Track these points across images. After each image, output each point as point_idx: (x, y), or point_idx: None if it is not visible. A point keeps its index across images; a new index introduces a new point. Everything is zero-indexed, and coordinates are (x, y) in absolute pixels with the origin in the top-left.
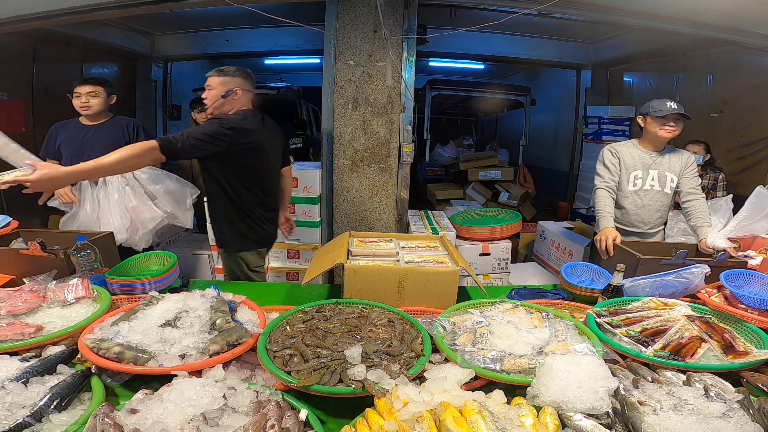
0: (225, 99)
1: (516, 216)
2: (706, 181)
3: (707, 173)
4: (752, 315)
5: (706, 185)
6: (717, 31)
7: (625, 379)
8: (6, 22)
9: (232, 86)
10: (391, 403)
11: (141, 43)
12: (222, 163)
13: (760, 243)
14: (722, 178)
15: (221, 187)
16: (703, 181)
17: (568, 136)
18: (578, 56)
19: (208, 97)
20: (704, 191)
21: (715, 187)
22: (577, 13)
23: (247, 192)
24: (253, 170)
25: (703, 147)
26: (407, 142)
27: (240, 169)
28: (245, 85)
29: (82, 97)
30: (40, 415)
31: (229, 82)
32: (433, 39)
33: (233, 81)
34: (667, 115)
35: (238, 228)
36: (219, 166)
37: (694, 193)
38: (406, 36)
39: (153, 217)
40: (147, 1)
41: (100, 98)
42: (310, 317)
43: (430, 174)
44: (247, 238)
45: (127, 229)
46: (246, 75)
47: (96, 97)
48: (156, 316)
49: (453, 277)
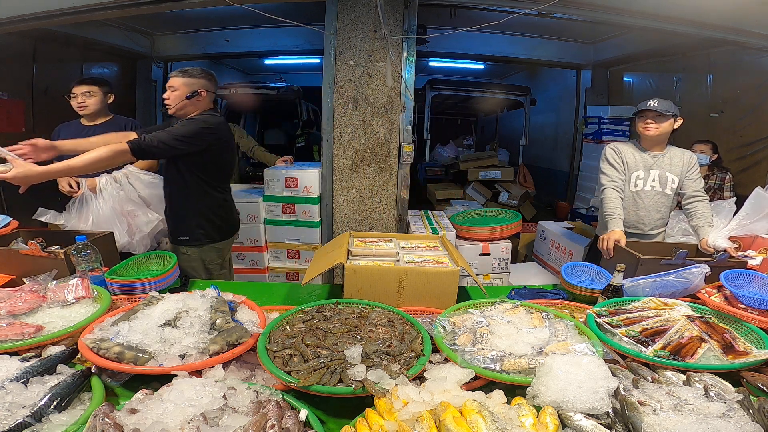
0: (189, 101)
1: (516, 216)
2: (713, 182)
3: (714, 173)
4: (752, 315)
5: (713, 185)
6: (717, 31)
7: (625, 379)
8: (6, 22)
9: (196, 88)
10: (391, 403)
11: (141, 43)
12: (195, 162)
13: (760, 243)
14: (729, 178)
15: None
16: (709, 182)
17: (568, 136)
18: (578, 56)
19: (171, 98)
20: (710, 192)
21: (722, 188)
22: (577, 13)
23: (214, 188)
24: (223, 168)
25: (710, 146)
26: (407, 142)
27: (211, 167)
28: (209, 86)
29: (78, 97)
30: (40, 415)
31: (194, 83)
32: (433, 39)
33: (198, 83)
34: (645, 112)
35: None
36: (191, 164)
37: (698, 196)
38: (406, 36)
39: (149, 221)
40: (147, 1)
41: (95, 98)
42: (310, 317)
43: (430, 174)
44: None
45: (126, 232)
46: (210, 76)
47: (91, 96)
48: (156, 316)
49: (453, 277)
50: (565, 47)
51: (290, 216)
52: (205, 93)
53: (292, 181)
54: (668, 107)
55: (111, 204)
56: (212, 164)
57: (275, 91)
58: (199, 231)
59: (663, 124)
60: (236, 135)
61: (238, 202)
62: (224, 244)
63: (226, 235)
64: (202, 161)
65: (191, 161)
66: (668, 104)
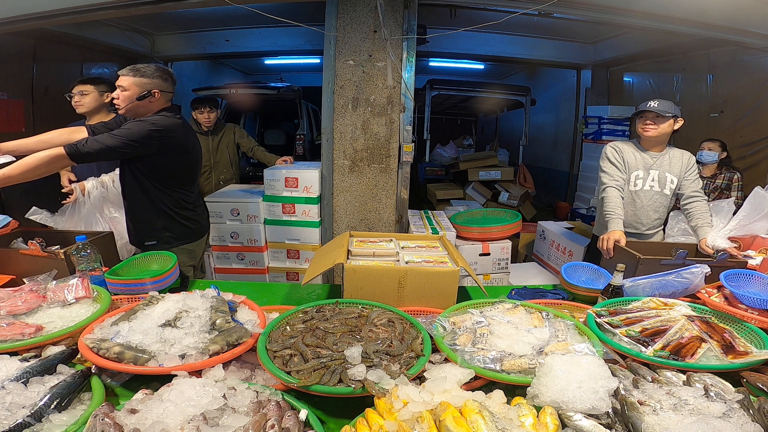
0: (140, 102)
1: (516, 216)
2: (720, 181)
3: (722, 173)
4: (752, 315)
5: (720, 185)
6: (717, 31)
7: (625, 379)
8: (6, 22)
9: (149, 88)
10: (391, 403)
11: (141, 43)
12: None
13: (760, 243)
14: (737, 178)
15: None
16: (716, 181)
17: (568, 136)
18: (578, 56)
19: (120, 98)
20: (717, 191)
21: (730, 188)
22: (577, 13)
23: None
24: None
25: (719, 144)
26: (407, 142)
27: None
28: (164, 86)
29: (75, 96)
30: (40, 415)
31: (146, 83)
32: (433, 39)
33: (151, 83)
34: (644, 112)
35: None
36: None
37: (696, 196)
38: (406, 36)
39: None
40: (147, 1)
41: (89, 96)
42: (310, 317)
43: (430, 174)
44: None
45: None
46: (166, 75)
47: (85, 95)
48: (156, 316)
49: (453, 277)
50: (565, 47)
51: (290, 216)
52: (159, 94)
53: (292, 181)
54: (668, 108)
55: (97, 207)
56: (167, 169)
57: (275, 91)
58: (165, 234)
59: (662, 125)
60: (236, 135)
61: (238, 202)
62: (195, 245)
63: (196, 236)
64: (154, 165)
65: (143, 164)
66: (668, 105)
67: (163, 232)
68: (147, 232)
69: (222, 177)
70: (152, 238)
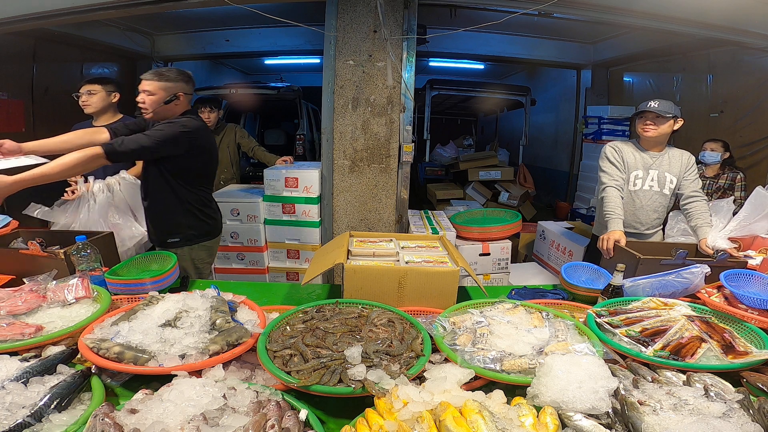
0: (167, 105)
1: (516, 216)
2: (723, 181)
3: (724, 173)
4: (752, 315)
5: (723, 185)
6: (717, 31)
7: (625, 379)
8: (6, 22)
9: (174, 92)
10: (391, 403)
11: (141, 43)
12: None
13: (760, 243)
14: (740, 178)
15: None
16: (719, 181)
17: (568, 136)
18: (578, 56)
19: (147, 102)
20: (720, 192)
21: (732, 188)
22: (577, 13)
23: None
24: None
25: (721, 144)
26: (407, 142)
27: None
28: (187, 88)
29: (82, 96)
30: (40, 415)
31: (172, 87)
32: (433, 39)
33: (176, 86)
34: (644, 113)
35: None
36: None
37: (695, 196)
38: (406, 36)
39: (133, 236)
40: (147, 1)
41: (96, 96)
42: (310, 317)
43: (430, 174)
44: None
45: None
46: (187, 78)
47: (93, 95)
48: (156, 316)
49: (453, 277)
50: (565, 47)
51: (290, 216)
52: (183, 96)
53: (292, 181)
54: (668, 108)
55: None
56: (192, 168)
57: (275, 91)
58: (189, 231)
59: (662, 125)
60: (237, 135)
61: (238, 202)
62: (213, 242)
63: (214, 234)
64: (181, 165)
65: (171, 164)
66: (668, 105)
67: (187, 229)
68: (171, 229)
69: (222, 177)
70: (176, 236)
